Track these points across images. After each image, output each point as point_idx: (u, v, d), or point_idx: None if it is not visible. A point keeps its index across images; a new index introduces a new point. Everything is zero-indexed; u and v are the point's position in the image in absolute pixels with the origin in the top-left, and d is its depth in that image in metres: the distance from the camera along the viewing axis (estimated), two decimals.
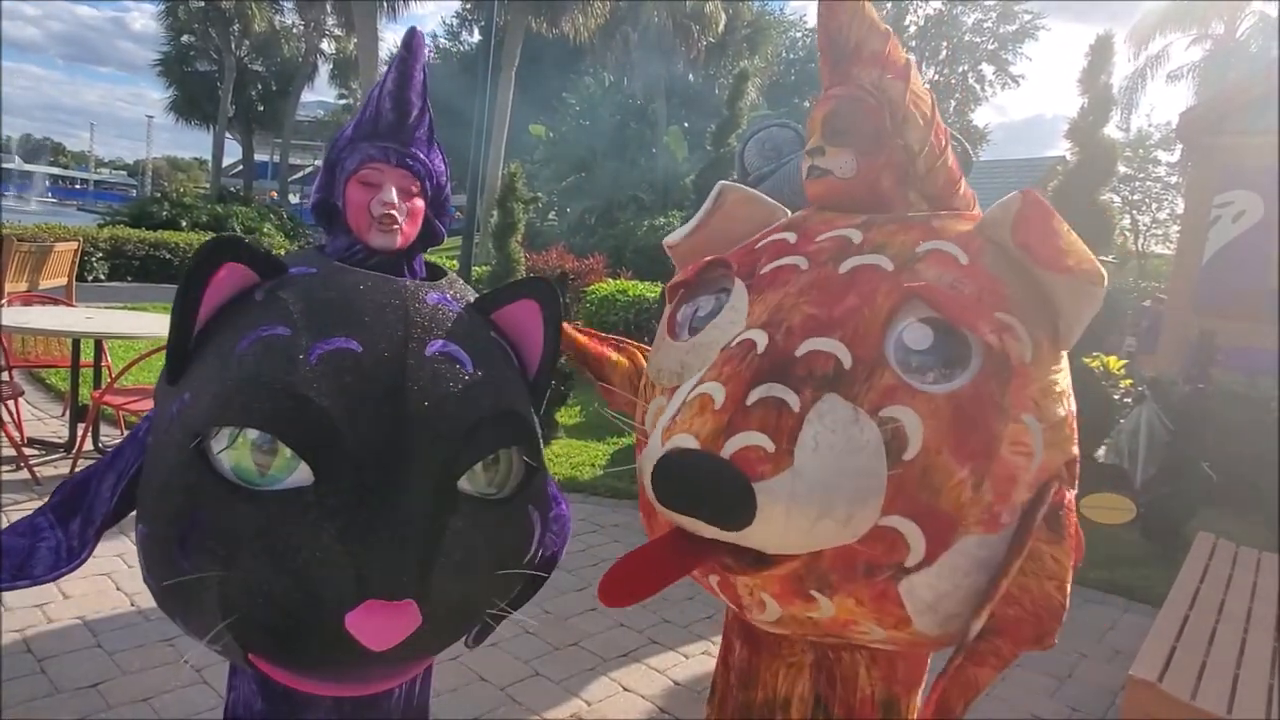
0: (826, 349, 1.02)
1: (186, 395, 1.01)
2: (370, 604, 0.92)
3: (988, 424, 1.01)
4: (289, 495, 0.94)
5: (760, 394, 0.99)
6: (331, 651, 0.97)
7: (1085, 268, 1.04)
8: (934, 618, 1.06)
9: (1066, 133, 5.37)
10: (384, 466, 0.96)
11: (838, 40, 1.26)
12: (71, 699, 2.30)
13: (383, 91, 1.23)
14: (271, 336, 0.99)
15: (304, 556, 0.92)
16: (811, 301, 1.08)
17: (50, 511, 1.12)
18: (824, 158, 1.27)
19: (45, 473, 3.98)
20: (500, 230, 5.82)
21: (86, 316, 4.54)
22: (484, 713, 2.47)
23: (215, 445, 0.96)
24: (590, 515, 4.28)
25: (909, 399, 1.00)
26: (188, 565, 0.95)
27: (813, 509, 0.95)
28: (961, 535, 1.01)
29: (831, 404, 0.99)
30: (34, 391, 5.49)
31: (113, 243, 11.93)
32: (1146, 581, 4.01)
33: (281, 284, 1.07)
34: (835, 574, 1.03)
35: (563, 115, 23.72)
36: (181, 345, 1.02)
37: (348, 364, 0.98)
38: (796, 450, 0.95)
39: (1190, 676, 2.18)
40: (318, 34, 29.91)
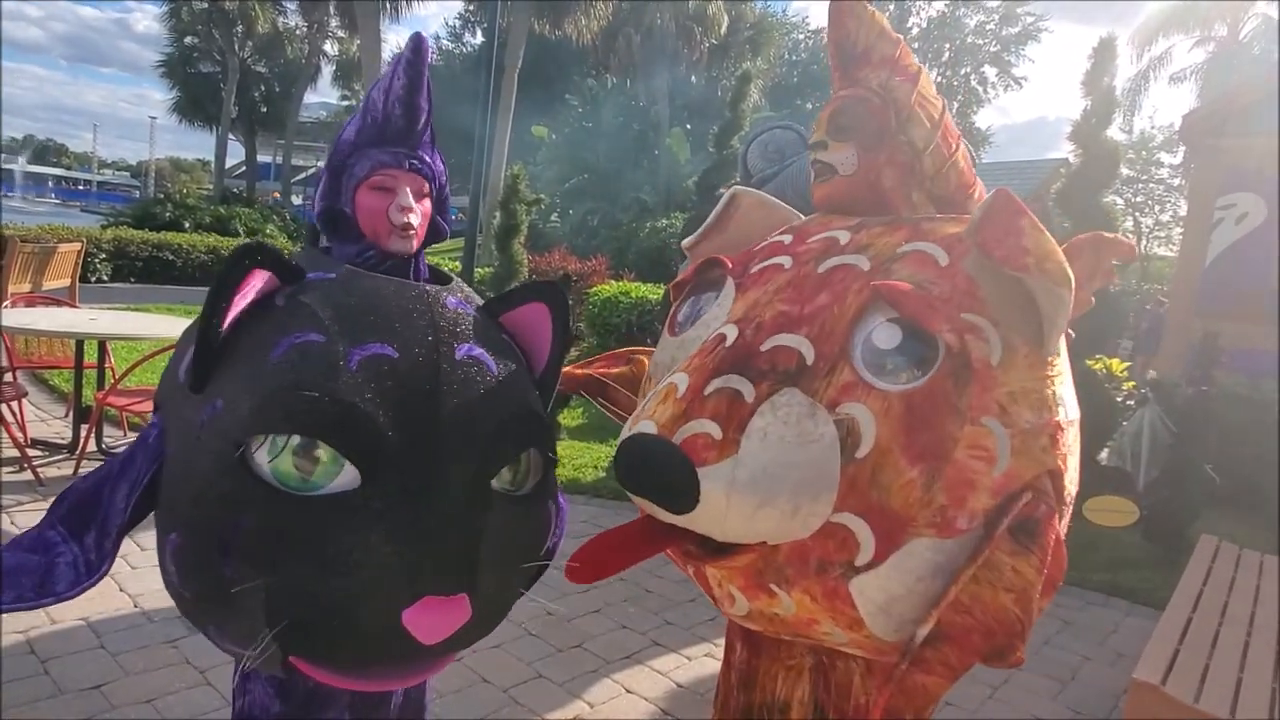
0: (791, 344, 1.05)
1: (219, 403, 1.00)
2: (427, 600, 0.96)
3: (941, 424, 1.00)
4: (336, 500, 0.96)
5: (718, 384, 1.02)
6: (384, 648, 1.00)
7: (1047, 268, 1.02)
8: (887, 621, 1.06)
9: (1069, 135, 5.37)
10: (426, 468, 0.99)
11: (845, 45, 1.28)
12: (75, 700, 2.30)
13: (390, 96, 1.23)
14: (306, 343, 1.00)
15: (356, 558, 0.95)
16: (785, 299, 1.11)
17: (60, 524, 1.10)
18: (826, 152, 1.28)
19: (49, 474, 3.99)
20: (503, 232, 5.81)
21: (90, 318, 4.55)
22: (487, 714, 2.47)
23: (257, 453, 0.96)
24: (593, 517, 4.28)
25: (864, 396, 1.01)
26: (231, 573, 0.96)
27: (754, 496, 0.97)
28: (912, 537, 1.01)
29: (789, 397, 1.01)
30: (37, 392, 5.50)
31: (116, 244, 11.94)
32: (1149, 584, 4.00)
33: (302, 290, 1.07)
34: (790, 568, 1.05)
35: (565, 117, 23.75)
36: (208, 352, 1.01)
37: (385, 369, 1.01)
38: (743, 439, 0.98)
39: (1193, 679, 2.18)
40: (321, 35, 29.96)
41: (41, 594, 1.03)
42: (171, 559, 1.02)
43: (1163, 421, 5.06)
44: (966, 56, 33.57)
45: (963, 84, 33.95)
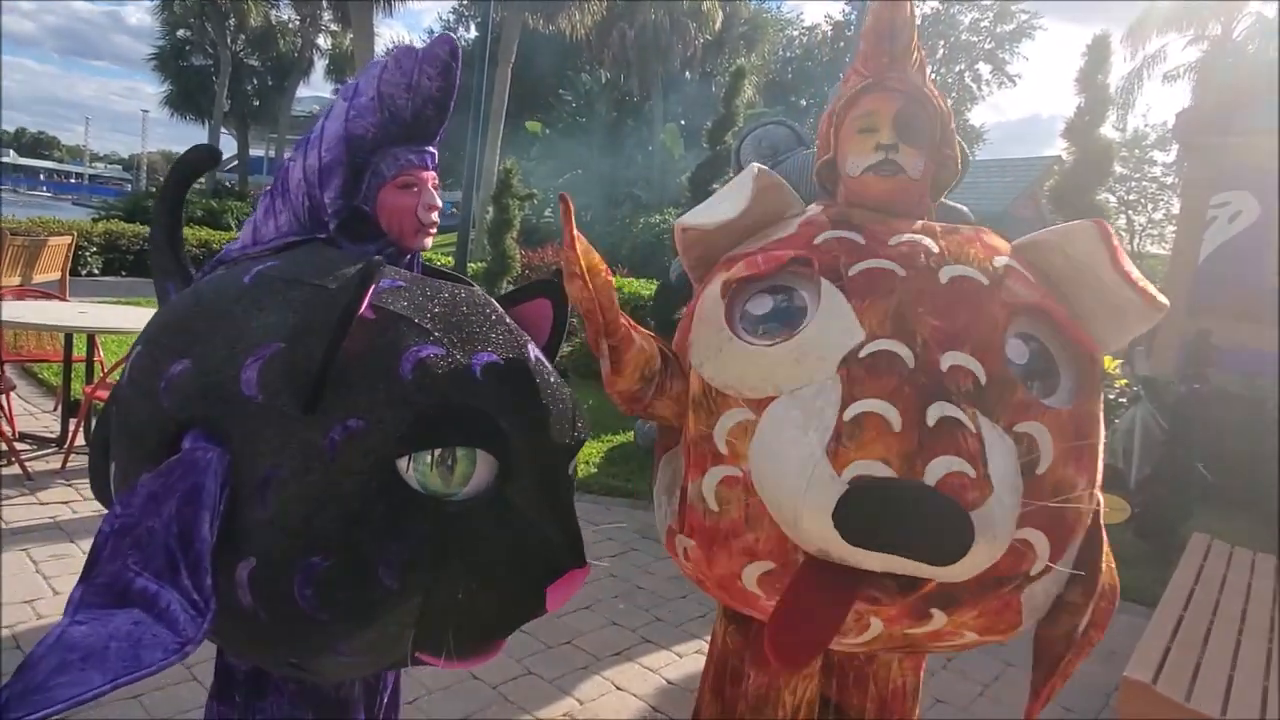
0: (965, 364, 0.99)
1: (353, 423, 0.97)
2: (572, 573, 1.10)
3: (1094, 436, 1.07)
4: (484, 500, 1.04)
5: (937, 413, 0.93)
6: (520, 622, 1.15)
7: (1157, 295, 1.11)
8: (1034, 616, 1.12)
9: (1063, 132, 5.38)
10: (548, 461, 1.12)
11: (900, 34, 1.26)
12: None
13: (420, 95, 1.22)
14: (429, 356, 1.04)
15: (511, 547, 1.05)
16: (930, 312, 1.03)
17: (142, 570, 0.97)
18: (898, 153, 1.23)
19: (36, 468, 3.96)
20: (496, 227, 5.80)
21: (79, 311, 4.51)
22: (476, 711, 2.45)
23: (405, 467, 1.00)
24: (585, 514, 4.24)
25: (1040, 415, 1.01)
26: (394, 583, 0.99)
27: (1007, 533, 0.93)
28: (1075, 541, 1.08)
29: (985, 423, 0.96)
30: (25, 386, 5.46)
31: (107, 237, 11.86)
32: (1141, 582, 4.01)
33: (383, 299, 1.07)
34: (966, 591, 1.00)
35: (559, 112, 23.68)
36: (325, 373, 0.97)
37: (501, 375, 1.08)
38: (991, 474, 0.92)
39: (1185, 677, 2.18)
40: (314, 29, 29.76)
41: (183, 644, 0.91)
42: (308, 584, 0.96)
43: (1155, 419, 5.06)
44: (961, 53, 33.60)
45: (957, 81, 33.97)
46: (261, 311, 1.04)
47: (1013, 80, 33.87)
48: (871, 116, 1.25)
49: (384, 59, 1.26)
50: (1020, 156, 21.09)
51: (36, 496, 3.63)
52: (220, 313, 1.08)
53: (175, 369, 1.04)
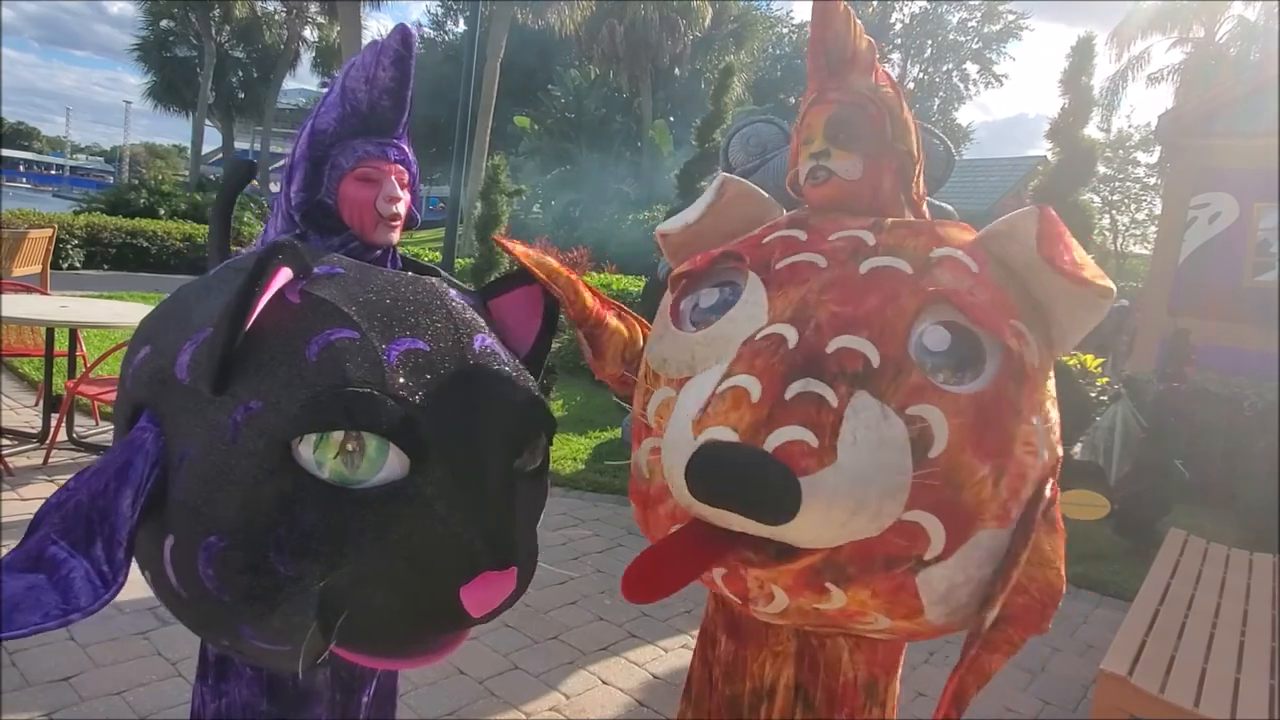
0: (855, 347, 1.05)
1: (254, 404, 0.99)
2: (486, 575, 1.01)
3: (1005, 424, 1.06)
4: (388, 489, 0.99)
5: (799, 389, 1.00)
6: (435, 625, 1.06)
7: (1100, 283, 1.08)
8: (944, 608, 1.11)
9: (1047, 133, 5.41)
10: (467, 454, 1.05)
11: (834, 47, 1.29)
12: (43, 692, 2.27)
13: (376, 87, 1.22)
14: (341, 340, 1.02)
15: (416, 542, 0.99)
16: (835, 299, 1.10)
17: (59, 539, 1.03)
18: (829, 159, 1.29)
19: (18, 463, 3.93)
20: (483, 223, 5.79)
21: (61, 305, 4.47)
22: (462, 705, 2.47)
23: (302, 451, 0.98)
24: (571, 509, 4.28)
25: (935, 398, 1.03)
26: (286, 570, 0.97)
27: (850, 503, 0.97)
28: (978, 529, 1.06)
29: (864, 401, 1.01)
30: (6, 381, 5.41)
31: (89, 230, 11.74)
32: (1119, 577, 4.07)
33: (315, 286, 1.08)
34: (853, 566, 1.05)
35: (548, 108, 23.63)
36: (230, 350, 1.00)
37: (422, 362, 1.05)
38: (839, 445, 0.97)
39: (1160, 670, 2.22)
40: (300, 21, 29.54)
41: (67, 611, 0.97)
42: (209, 563, 0.99)
43: (1135, 417, 5.13)
44: (948, 53, 33.77)
45: (944, 80, 34.16)
46: (207, 298, 1.10)
47: (999, 80, 34.10)
48: (809, 129, 1.31)
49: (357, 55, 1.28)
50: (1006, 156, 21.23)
51: (18, 492, 3.61)
52: (180, 301, 1.15)
53: (139, 355, 1.11)
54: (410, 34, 1.24)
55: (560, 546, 3.81)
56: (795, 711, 1.29)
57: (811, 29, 1.32)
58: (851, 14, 1.29)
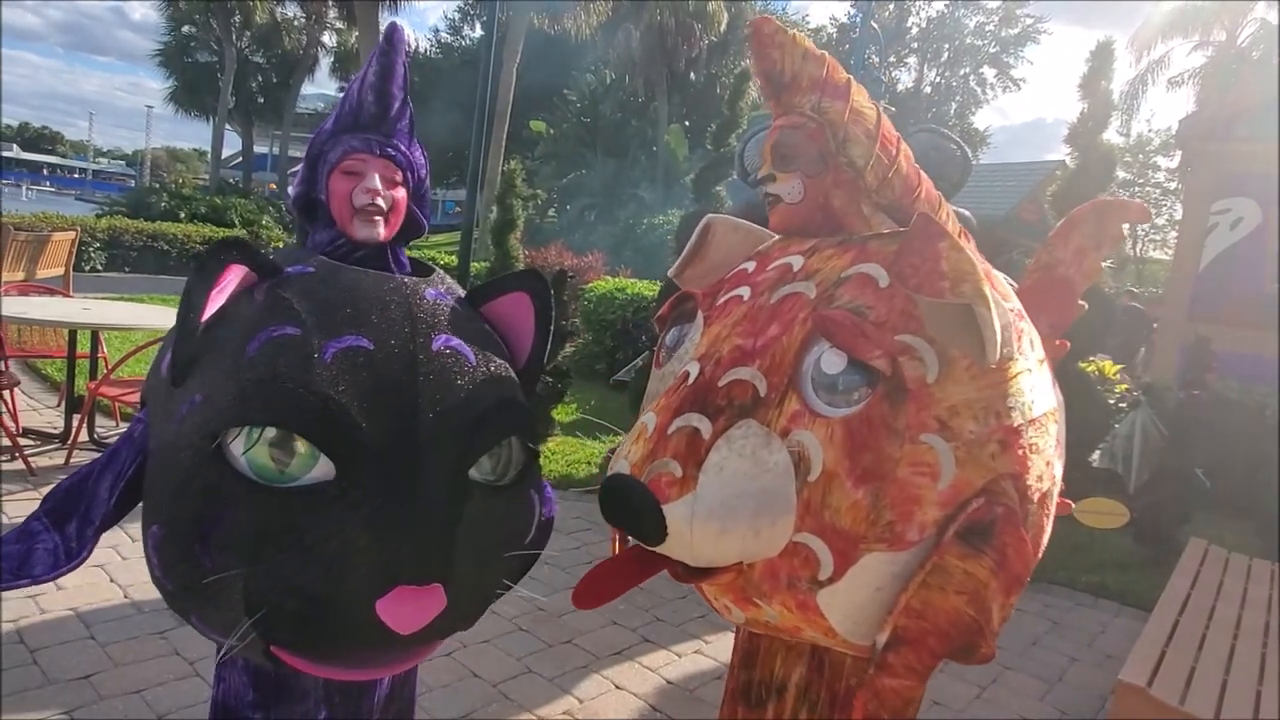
0: (745, 377, 1.12)
1: (198, 396, 1.01)
2: (400, 590, 0.96)
3: (879, 446, 1.05)
4: (313, 490, 0.97)
5: (679, 423, 1.10)
6: (359, 638, 1.01)
7: (963, 290, 1.02)
8: (856, 627, 1.13)
9: (1066, 137, 5.37)
10: (403, 459, 1.00)
11: (773, 75, 1.31)
12: (63, 690, 2.30)
13: (364, 84, 1.25)
14: (282, 337, 1.01)
15: (333, 548, 0.96)
16: (740, 332, 1.17)
17: (44, 516, 1.12)
18: (774, 184, 1.33)
19: (40, 463, 3.98)
20: (499, 227, 5.81)
21: (83, 307, 4.53)
22: (476, 709, 2.47)
23: (234, 445, 0.97)
24: (585, 513, 4.29)
25: (809, 424, 1.07)
26: (210, 563, 0.97)
27: (714, 525, 1.05)
28: (865, 552, 1.07)
29: (745, 430, 1.08)
30: (30, 381, 5.48)
31: (110, 233, 11.90)
32: (1138, 586, 4.02)
33: (280, 283, 1.08)
34: (765, 584, 1.13)
35: (564, 112, 23.70)
36: (187, 346, 1.03)
37: (361, 360, 1.02)
38: (701, 474, 1.06)
39: (1179, 682, 2.19)
40: (319, 26, 29.83)
41: (17, 576, 1.05)
42: (154, 551, 1.03)
43: (1154, 424, 5.07)
44: (965, 57, 33.61)
45: (961, 84, 33.99)
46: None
47: (1017, 84, 33.92)
48: (763, 158, 1.36)
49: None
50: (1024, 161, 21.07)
51: (40, 492, 3.65)
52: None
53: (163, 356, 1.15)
54: (395, 31, 1.24)
55: (575, 550, 3.82)
56: (800, 711, 1.31)
57: (750, 60, 1.36)
58: (789, 36, 1.29)
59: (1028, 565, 1.13)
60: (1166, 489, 4.57)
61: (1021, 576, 1.12)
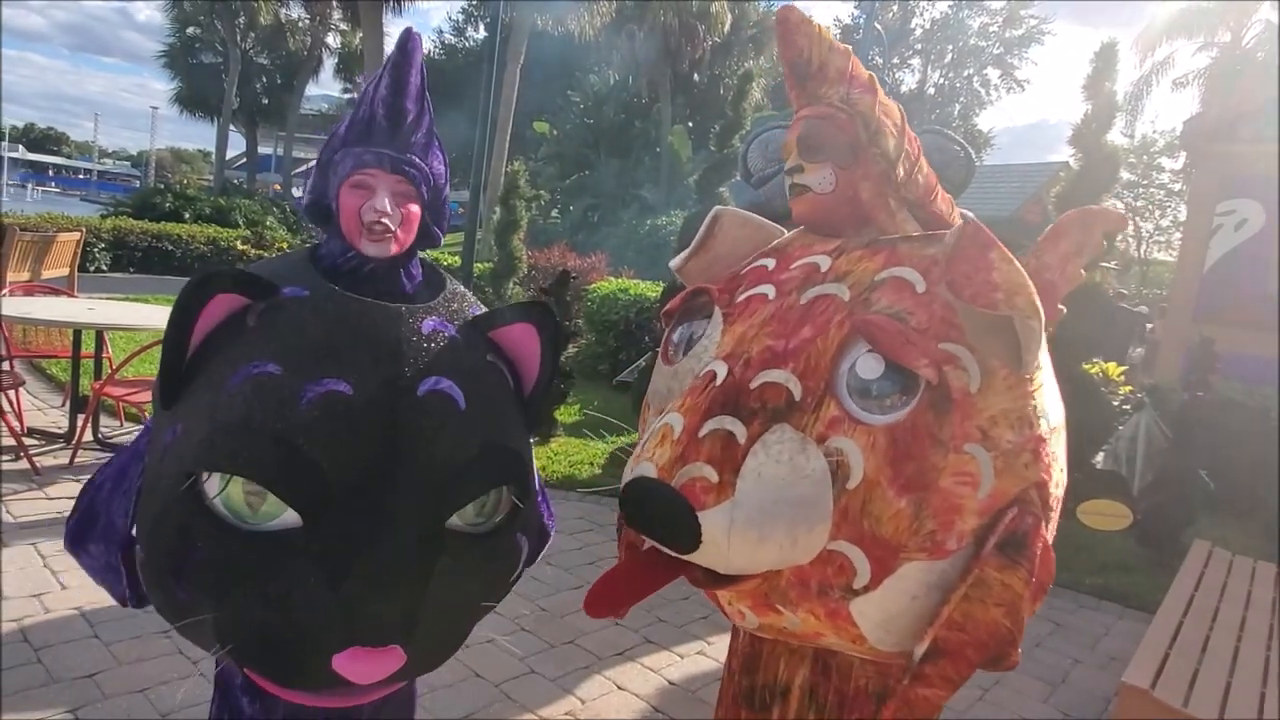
0: (778, 380, 1.08)
1: (179, 427, 1.00)
2: (355, 650, 0.95)
3: (924, 455, 1.04)
4: (280, 538, 0.95)
5: (712, 426, 1.06)
6: (319, 683, 1.01)
7: (1016, 303, 1.03)
8: (887, 636, 1.11)
9: (1070, 138, 5.36)
10: (372, 512, 0.96)
11: (799, 63, 1.29)
12: (68, 689, 2.31)
13: (376, 95, 1.20)
14: (262, 375, 0.98)
15: (293, 600, 0.94)
16: (770, 333, 1.13)
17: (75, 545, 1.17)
18: (802, 174, 1.30)
19: (45, 463, 3.99)
20: (502, 227, 5.83)
21: (88, 308, 4.54)
22: (478, 709, 2.47)
23: (207, 485, 0.96)
24: (588, 514, 4.29)
25: (850, 431, 1.04)
26: (184, 597, 0.98)
27: (753, 534, 1.02)
28: (904, 561, 1.05)
29: (780, 434, 1.05)
30: (34, 381, 5.50)
31: (115, 234, 11.92)
32: (1141, 588, 4.02)
33: (273, 309, 1.05)
34: (792, 591, 1.10)
35: (567, 113, 23.71)
36: (174, 374, 1.02)
37: (339, 409, 0.97)
38: (739, 481, 1.02)
39: (1183, 684, 2.19)
40: (323, 28, 29.87)
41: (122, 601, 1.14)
42: (140, 572, 1.06)
43: (1158, 426, 5.07)
44: (969, 58, 33.55)
45: (965, 86, 33.93)
46: None
47: (1021, 85, 33.82)
48: (787, 148, 1.34)
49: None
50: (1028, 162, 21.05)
51: (44, 491, 3.66)
52: None
53: None
54: (410, 39, 1.19)
55: (577, 550, 3.82)
56: (807, 713, 1.30)
57: (778, 47, 1.33)
58: (815, 26, 1.28)
59: (1052, 574, 1.14)
60: (1170, 491, 4.56)
61: (1047, 585, 1.13)
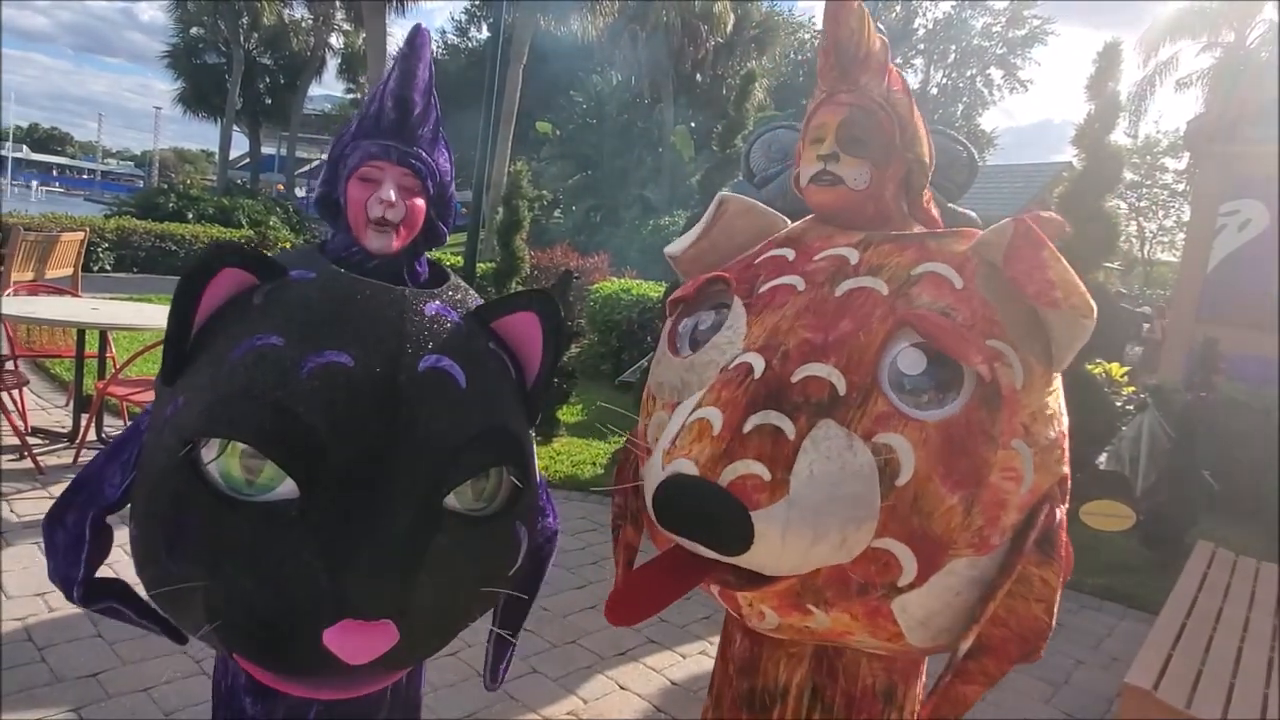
0: (821, 375, 1.04)
1: (180, 400, 1.01)
2: (346, 623, 0.92)
3: (977, 452, 1.03)
4: (275, 508, 0.94)
5: (757, 421, 1.01)
6: (308, 664, 0.98)
7: (1074, 301, 1.04)
8: (925, 632, 1.10)
9: (1073, 139, 5.35)
10: (369, 484, 0.96)
11: (847, 46, 1.26)
12: (71, 688, 2.31)
13: (386, 89, 1.22)
14: (265, 346, 0.99)
15: (285, 572, 0.93)
16: (807, 325, 1.09)
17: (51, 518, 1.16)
18: (839, 165, 1.26)
19: (48, 462, 4.00)
20: (505, 227, 5.82)
21: (91, 307, 4.56)
22: (481, 709, 2.48)
23: (205, 454, 0.96)
24: (590, 514, 4.29)
25: (901, 426, 1.02)
26: (175, 570, 0.97)
27: (808, 534, 0.98)
28: (952, 558, 1.04)
29: (826, 430, 1.01)
30: (38, 381, 5.52)
31: (119, 233, 11.96)
32: (1144, 589, 4.01)
33: (279, 288, 1.07)
34: (830, 591, 1.06)
35: (570, 113, 23.73)
36: (178, 347, 1.02)
37: (339, 379, 0.98)
38: (792, 478, 0.98)
39: (1186, 685, 2.19)
40: (326, 28, 29.93)
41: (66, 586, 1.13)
42: (131, 548, 1.04)
43: (1162, 427, 5.06)
44: (972, 58, 33.53)
45: (968, 86, 33.91)
46: None
47: (1024, 85, 33.78)
48: (820, 129, 1.28)
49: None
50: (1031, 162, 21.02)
51: (48, 491, 3.67)
52: None
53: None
54: (419, 34, 1.21)
55: (579, 550, 3.82)
56: (811, 713, 1.28)
57: (824, 26, 1.29)
58: (866, 13, 1.26)
59: (1071, 570, 1.16)
60: (1173, 491, 4.55)
61: (1066, 579, 1.14)
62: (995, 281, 1.11)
